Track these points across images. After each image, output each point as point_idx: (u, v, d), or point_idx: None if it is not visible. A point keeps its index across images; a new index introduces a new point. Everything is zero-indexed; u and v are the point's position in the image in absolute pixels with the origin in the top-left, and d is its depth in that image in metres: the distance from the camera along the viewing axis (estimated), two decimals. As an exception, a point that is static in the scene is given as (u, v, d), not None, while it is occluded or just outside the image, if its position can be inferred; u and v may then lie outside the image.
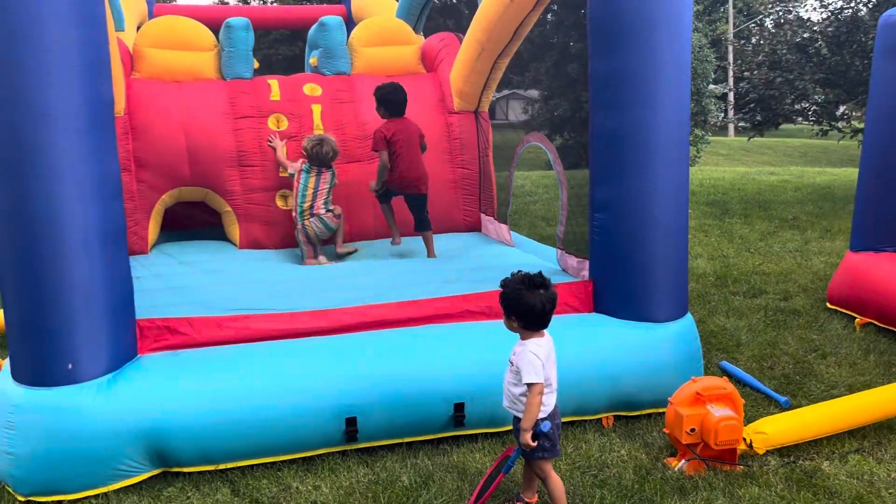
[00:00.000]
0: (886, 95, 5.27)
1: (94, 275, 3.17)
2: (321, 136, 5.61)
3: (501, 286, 2.92)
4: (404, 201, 5.69)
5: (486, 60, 6.06)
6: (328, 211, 5.55)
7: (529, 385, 2.82)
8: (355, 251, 5.67)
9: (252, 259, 5.40)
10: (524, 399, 2.88)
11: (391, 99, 5.56)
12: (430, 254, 5.57)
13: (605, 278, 4.07)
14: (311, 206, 5.50)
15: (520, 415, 2.92)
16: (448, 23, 26.34)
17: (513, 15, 5.52)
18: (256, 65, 6.40)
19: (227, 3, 29.18)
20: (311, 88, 6.21)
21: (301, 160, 5.65)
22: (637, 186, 3.87)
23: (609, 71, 3.86)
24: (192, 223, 6.32)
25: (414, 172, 5.54)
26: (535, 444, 2.86)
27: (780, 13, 29.57)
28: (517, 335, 3.01)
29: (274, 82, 6.17)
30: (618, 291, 4.01)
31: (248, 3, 30.14)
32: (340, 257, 5.61)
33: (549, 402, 2.93)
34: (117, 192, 3.32)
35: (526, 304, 2.83)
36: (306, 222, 5.48)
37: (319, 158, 5.50)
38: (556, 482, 3.00)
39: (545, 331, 2.96)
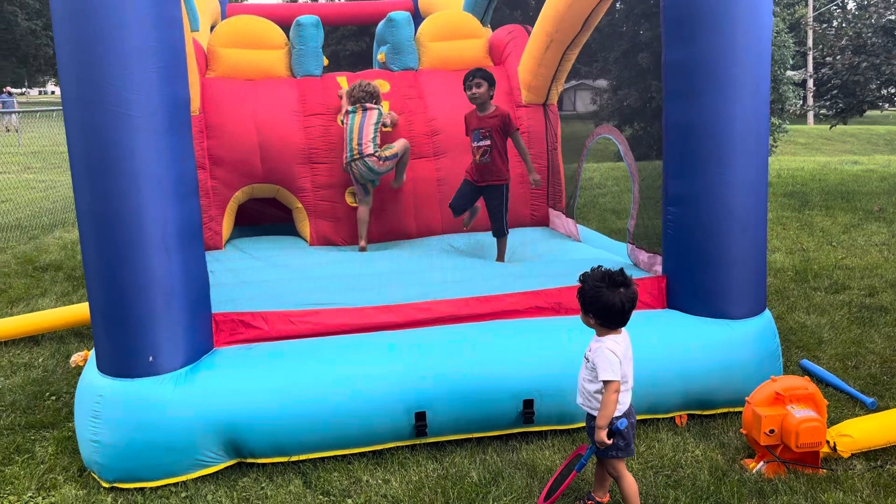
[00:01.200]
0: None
1: (172, 270, 3.27)
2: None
3: (580, 281, 2.87)
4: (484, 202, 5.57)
5: (554, 52, 5.99)
6: (374, 153, 5.65)
7: (606, 382, 2.77)
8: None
9: (322, 255, 5.48)
10: (599, 396, 2.83)
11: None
12: (500, 258, 5.40)
13: (680, 274, 3.96)
14: (360, 146, 5.66)
15: (594, 412, 2.87)
16: (515, 14, 26.15)
17: (583, 5, 5.43)
18: (326, 62, 6.49)
19: (296, 1, 29.72)
20: (380, 84, 6.26)
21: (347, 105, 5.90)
22: (713, 179, 3.75)
23: (684, 59, 3.75)
24: (263, 219, 6.46)
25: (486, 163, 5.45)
26: (610, 441, 2.80)
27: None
28: (590, 330, 2.96)
29: (343, 79, 6.24)
30: (692, 287, 3.90)
31: (316, 0, 30.62)
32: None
33: (624, 401, 2.87)
34: (194, 190, 3.41)
35: (605, 303, 2.77)
36: (353, 164, 5.67)
37: (355, 97, 5.76)
38: (630, 482, 2.94)
39: (623, 328, 2.89)
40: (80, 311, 5.32)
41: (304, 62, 6.26)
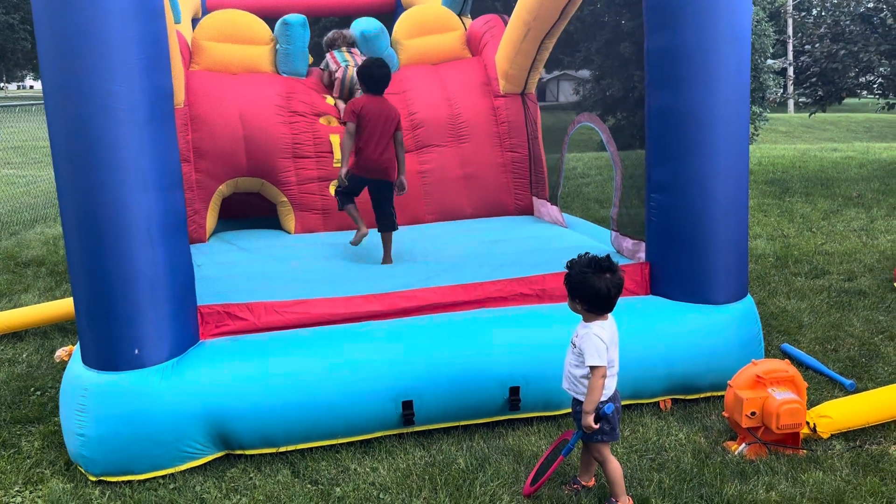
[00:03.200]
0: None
1: (157, 262, 3.26)
2: None
3: (567, 268, 2.90)
4: (370, 196, 5.06)
5: (532, 41, 5.99)
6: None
7: (593, 368, 2.80)
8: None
9: (305, 244, 5.47)
10: (585, 381, 2.87)
11: (371, 74, 4.98)
12: (387, 259, 4.94)
13: (663, 260, 4.00)
14: (355, 60, 6.29)
15: (580, 397, 2.91)
16: (497, 4, 26.09)
17: (562, -6, 5.44)
18: (311, 60, 6.49)
19: None
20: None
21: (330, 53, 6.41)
22: (696, 166, 3.80)
23: (666, 47, 3.78)
24: (247, 212, 6.45)
25: (383, 156, 4.92)
26: (597, 426, 2.84)
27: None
28: (575, 317, 2.99)
29: (329, 96, 6.27)
30: (676, 273, 3.94)
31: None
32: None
33: (610, 385, 2.91)
34: (178, 182, 3.40)
35: (592, 288, 2.80)
36: (350, 67, 6.23)
37: (340, 42, 6.44)
38: (615, 466, 2.98)
39: (609, 314, 2.93)
40: (63, 306, 5.29)
41: (290, 61, 6.27)
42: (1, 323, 5.14)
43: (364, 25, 6.56)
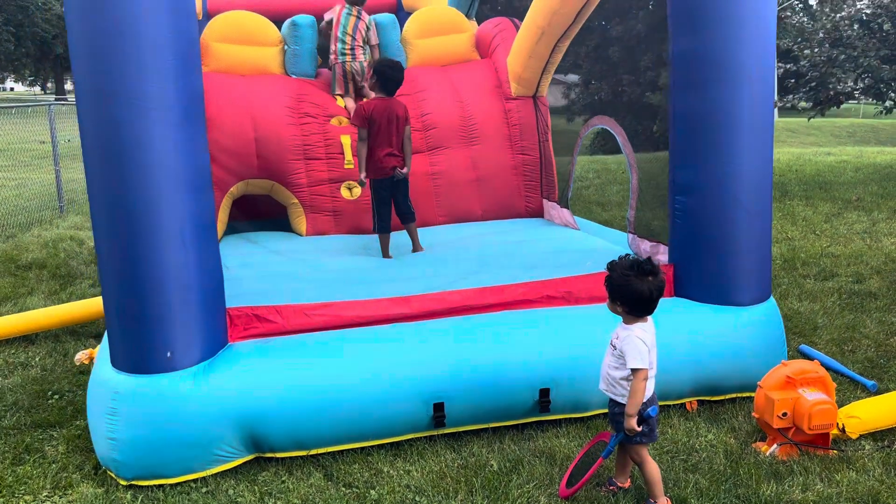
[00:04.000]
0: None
1: (189, 265, 3.23)
2: None
3: (608, 269, 2.90)
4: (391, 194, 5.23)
5: (545, 45, 6.02)
6: (365, 59, 6.24)
7: (635, 370, 2.80)
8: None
9: (324, 246, 5.45)
10: (624, 384, 2.87)
11: (389, 75, 5.13)
12: (417, 247, 5.23)
13: (687, 262, 4.01)
14: (353, 51, 6.20)
15: (618, 398, 2.91)
16: (497, 8, 26.11)
17: (576, -2, 5.46)
18: (319, 60, 6.48)
19: None
20: (369, 94, 6.30)
21: (339, 7, 6.33)
22: (720, 168, 3.81)
23: (691, 51, 3.80)
24: (255, 214, 6.41)
25: (393, 155, 5.13)
26: (639, 429, 2.84)
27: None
28: (605, 318, 2.99)
29: (339, 97, 6.25)
30: (700, 275, 3.96)
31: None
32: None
33: (649, 388, 2.91)
34: (208, 184, 3.37)
35: (635, 291, 2.80)
36: (348, 60, 6.16)
37: None
38: (653, 467, 2.99)
39: (649, 316, 2.93)
40: (74, 309, 5.24)
41: (299, 62, 6.25)
42: (12, 326, 5.07)
43: (378, 15, 6.60)
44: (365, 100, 5.57)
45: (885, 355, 4.51)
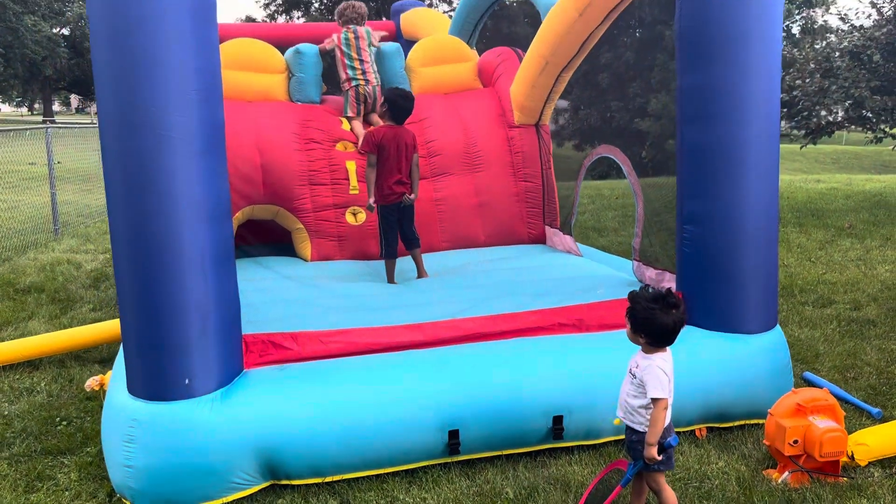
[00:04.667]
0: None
1: (208, 292, 3.26)
2: None
3: (630, 301, 2.94)
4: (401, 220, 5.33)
5: (549, 75, 6.12)
6: (377, 84, 6.40)
7: (656, 400, 2.84)
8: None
9: (334, 271, 5.49)
10: (643, 412, 2.90)
11: (400, 104, 5.26)
12: (421, 273, 5.31)
13: (695, 291, 4.07)
14: (364, 74, 6.28)
15: (637, 427, 2.94)
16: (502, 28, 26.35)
17: (580, 29, 5.57)
18: (325, 88, 6.56)
19: (275, 20, 29.74)
20: (375, 119, 6.39)
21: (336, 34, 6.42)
22: (727, 199, 3.89)
23: (699, 85, 3.89)
24: (266, 236, 6.42)
25: (401, 182, 5.24)
26: (660, 458, 2.87)
27: (807, 21, 29.44)
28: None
29: (344, 120, 6.33)
30: (709, 303, 4.02)
31: (287, 19, 30.63)
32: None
33: (667, 416, 2.94)
34: (228, 213, 3.41)
35: (660, 324, 2.84)
36: (361, 84, 6.25)
37: (347, 17, 6.40)
38: (670, 494, 3.02)
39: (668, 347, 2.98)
40: (79, 334, 5.22)
41: (303, 89, 6.35)
42: (16, 351, 5.05)
43: (383, 44, 6.71)
44: (374, 127, 5.64)
45: (888, 382, 4.58)
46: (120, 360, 3.71)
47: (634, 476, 3.13)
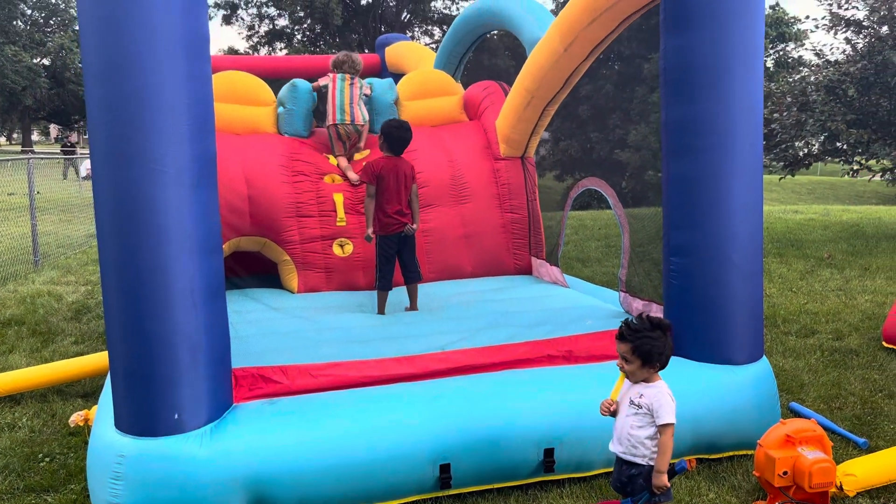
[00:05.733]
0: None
1: (199, 325, 3.24)
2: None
3: (629, 331, 2.92)
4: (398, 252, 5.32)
5: (534, 109, 6.21)
6: (363, 122, 6.45)
7: (665, 426, 2.85)
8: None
9: (322, 303, 5.47)
10: (648, 443, 2.90)
11: (396, 135, 5.30)
12: (413, 307, 5.28)
13: (683, 322, 4.10)
14: (352, 115, 6.35)
15: (638, 460, 2.93)
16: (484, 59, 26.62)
17: (565, 64, 5.66)
18: (315, 123, 6.63)
19: (257, 53, 29.90)
20: (362, 154, 6.46)
21: (333, 75, 6.52)
22: (714, 231, 3.94)
23: (683, 119, 3.96)
24: (246, 270, 6.41)
25: (401, 212, 5.27)
26: (669, 485, 2.87)
27: (781, 55, 30.15)
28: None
29: (332, 157, 6.39)
30: (697, 335, 4.05)
31: (267, 52, 30.81)
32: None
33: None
34: (219, 245, 3.40)
35: (661, 352, 2.87)
36: (341, 127, 6.32)
37: (346, 67, 6.54)
38: (668, 526, 3.01)
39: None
40: (61, 368, 5.15)
41: (293, 122, 6.40)
42: (-3, 386, 4.96)
43: (376, 79, 6.80)
44: (373, 158, 5.64)
45: (872, 412, 4.62)
46: (106, 394, 3.67)
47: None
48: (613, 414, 3.04)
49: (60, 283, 9.14)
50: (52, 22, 44.49)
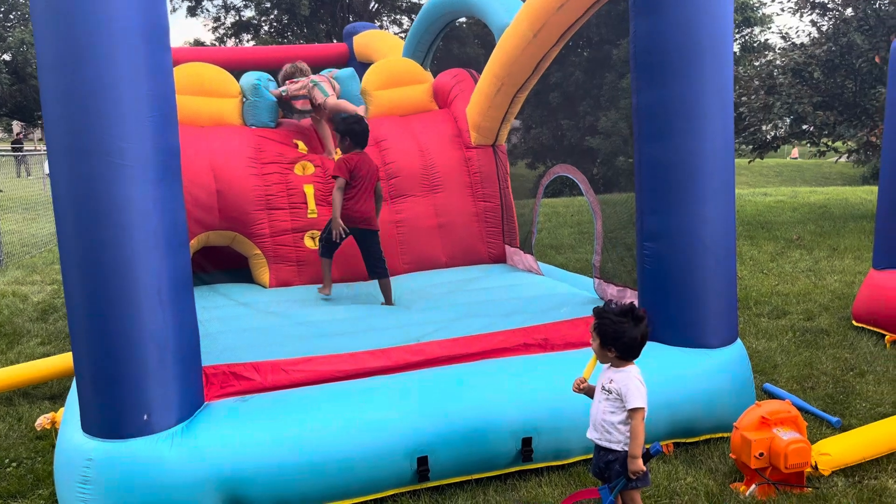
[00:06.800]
0: (902, 117, 5.43)
1: (166, 323, 3.15)
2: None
3: (599, 316, 2.92)
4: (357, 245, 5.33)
5: (505, 95, 6.16)
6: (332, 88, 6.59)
7: (634, 410, 2.83)
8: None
9: (293, 297, 5.39)
10: (621, 427, 2.89)
11: (356, 130, 5.28)
12: (388, 302, 5.21)
13: (658, 307, 4.10)
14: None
15: (614, 446, 2.91)
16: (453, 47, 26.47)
17: (534, 51, 5.63)
18: (281, 113, 6.51)
19: (224, 45, 29.44)
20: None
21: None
22: (687, 215, 3.94)
23: (655, 103, 3.94)
24: (216, 266, 6.30)
25: (367, 208, 5.27)
26: (644, 469, 2.86)
27: (747, 39, 30.42)
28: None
29: (300, 143, 6.30)
30: (671, 319, 4.05)
31: (236, 44, 30.37)
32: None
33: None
34: (185, 241, 3.31)
35: (629, 338, 2.85)
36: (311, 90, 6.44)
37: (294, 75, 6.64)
38: (645, 513, 3.01)
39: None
40: (26, 370, 5.02)
41: (258, 113, 6.29)
42: (-40, 390, 4.83)
43: (341, 70, 6.73)
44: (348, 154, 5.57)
45: (844, 391, 4.67)
46: (73, 396, 3.57)
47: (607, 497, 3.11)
48: (586, 393, 3.04)
49: (25, 282, 8.93)
50: (11, 17, 43.47)
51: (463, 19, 17.10)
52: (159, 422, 3.16)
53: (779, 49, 11.64)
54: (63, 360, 5.03)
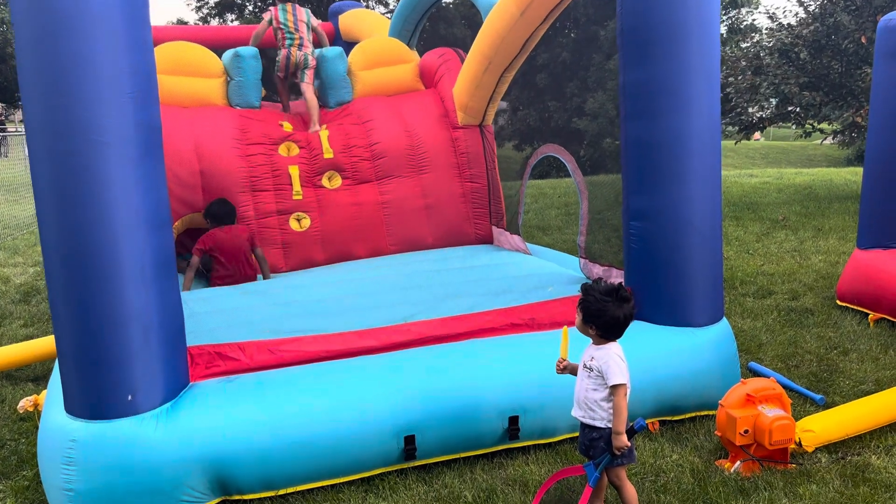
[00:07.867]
0: (888, 97, 5.44)
1: (150, 303, 3.12)
2: None
3: (583, 293, 2.93)
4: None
5: (492, 74, 6.11)
6: (312, 53, 6.49)
7: (616, 387, 2.84)
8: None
9: (282, 278, 5.37)
10: (604, 405, 2.89)
11: (216, 212, 5.56)
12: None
13: (644, 286, 4.11)
14: (301, 40, 6.42)
15: (598, 423, 2.92)
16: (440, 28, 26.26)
17: (522, 29, 5.58)
18: (263, 92, 6.43)
19: (208, 23, 29.03)
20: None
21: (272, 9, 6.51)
22: (673, 194, 3.93)
23: (641, 81, 3.92)
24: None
25: (243, 276, 5.44)
26: (628, 444, 2.87)
27: (734, 20, 30.40)
28: (576, 344, 3.03)
29: (286, 123, 6.24)
30: (657, 298, 4.05)
31: (222, 23, 30.00)
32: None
33: (625, 406, 2.94)
34: (168, 220, 3.27)
35: (612, 317, 2.86)
36: (293, 50, 6.39)
37: None
38: (631, 489, 3.02)
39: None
40: (9, 353, 4.97)
41: (243, 93, 6.19)
42: (-58, 373, 4.78)
43: (325, 49, 6.64)
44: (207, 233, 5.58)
45: (828, 369, 4.71)
46: (56, 378, 3.54)
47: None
48: (570, 372, 3.05)
49: (7, 264, 8.83)
50: (-11, -5, 42.61)
51: (449, -1, 16.98)
52: (144, 402, 3.14)
53: (766, 29, 11.67)
54: (46, 342, 4.99)
